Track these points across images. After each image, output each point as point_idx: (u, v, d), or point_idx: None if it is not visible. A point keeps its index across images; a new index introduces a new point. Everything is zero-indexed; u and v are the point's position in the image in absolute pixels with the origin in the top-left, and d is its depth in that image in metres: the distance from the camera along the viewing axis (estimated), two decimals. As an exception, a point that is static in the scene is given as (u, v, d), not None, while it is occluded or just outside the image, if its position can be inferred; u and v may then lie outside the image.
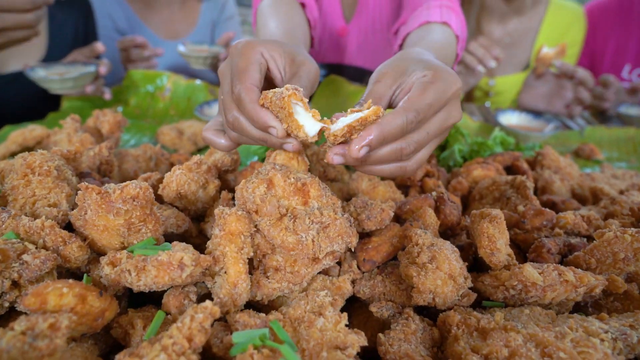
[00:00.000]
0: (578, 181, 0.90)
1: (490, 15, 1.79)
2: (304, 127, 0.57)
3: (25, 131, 0.96)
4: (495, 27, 1.81)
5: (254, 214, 0.54)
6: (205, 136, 0.65)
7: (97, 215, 0.50)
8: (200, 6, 1.95)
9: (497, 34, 1.82)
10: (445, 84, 0.58)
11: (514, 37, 1.80)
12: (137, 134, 1.24)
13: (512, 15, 1.77)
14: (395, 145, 0.56)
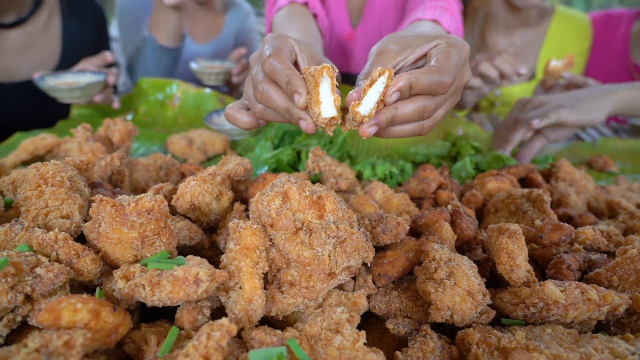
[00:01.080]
0: (594, 194, 0.88)
1: (496, 26, 1.78)
2: (322, 105, 0.61)
3: (36, 140, 0.96)
4: (500, 38, 1.80)
5: (269, 228, 0.53)
6: (228, 113, 0.72)
7: (111, 228, 0.49)
8: (225, 16, 2.03)
9: (502, 44, 1.81)
10: (460, 48, 0.63)
11: (519, 47, 1.79)
12: (146, 142, 1.23)
13: (517, 26, 1.76)
14: (419, 104, 0.60)
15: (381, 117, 0.60)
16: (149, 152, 1.19)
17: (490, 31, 1.81)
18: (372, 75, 0.58)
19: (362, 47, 1.60)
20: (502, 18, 1.75)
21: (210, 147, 1.14)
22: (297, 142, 1.04)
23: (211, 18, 2.03)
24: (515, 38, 1.79)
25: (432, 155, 1.09)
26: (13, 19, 1.42)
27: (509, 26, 1.77)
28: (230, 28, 2.03)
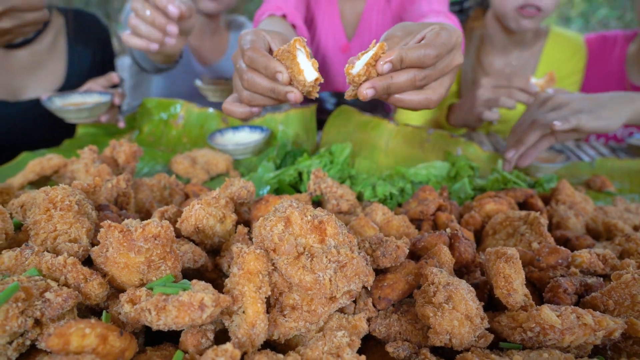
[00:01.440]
0: (592, 216, 0.90)
1: (492, 47, 1.81)
2: (304, 72, 0.73)
3: (43, 160, 0.98)
4: (496, 58, 1.83)
5: (272, 252, 0.54)
6: (225, 107, 0.85)
7: (119, 252, 0.50)
8: (229, 35, 2.05)
9: (498, 65, 1.83)
10: (451, 32, 0.75)
11: (514, 67, 1.82)
12: (150, 161, 1.25)
13: (513, 47, 1.79)
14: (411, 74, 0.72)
15: (378, 83, 0.72)
16: (153, 171, 1.21)
17: (486, 52, 1.84)
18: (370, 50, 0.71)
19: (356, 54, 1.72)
20: (498, 39, 1.78)
21: (214, 167, 1.16)
22: (299, 163, 1.06)
23: (216, 39, 2.06)
24: (511, 58, 1.82)
25: (431, 176, 1.11)
26: (20, 39, 1.46)
27: (505, 47, 1.80)
28: (235, 47, 2.06)
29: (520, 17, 1.56)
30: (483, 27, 1.81)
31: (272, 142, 1.32)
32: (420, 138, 1.32)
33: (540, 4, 1.50)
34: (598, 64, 1.89)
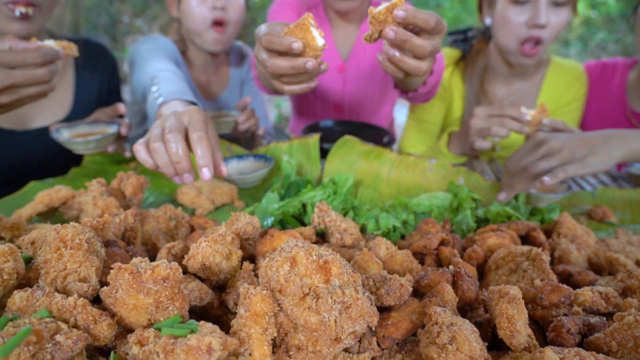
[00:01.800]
0: (594, 249, 0.90)
1: (494, 77, 1.84)
2: (316, 39, 0.90)
3: (51, 192, 0.99)
4: (498, 87, 1.86)
5: (278, 293, 0.55)
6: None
7: (128, 294, 0.51)
8: (230, 69, 2.07)
9: (500, 94, 1.86)
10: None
11: (517, 96, 1.85)
12: (155, 190, 1.27)
13: (515, 77, 1.82)
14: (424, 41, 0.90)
15: (400, 31, 0.89)
16: (159, 200, 1.23)
17: (489, 81, 1.87)
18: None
19: (356, 77, 1.95)
20: (501, 69, 1.81)
21: (219, 197, 1.17)
22: (303, 194, 1.08)
23: (219, 73, 2.06)
24: (513, 88, 1.85)
25: (434, 207, 1.12)
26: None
27: (507, 77, 1.83)
28: (236, 80, 2.08)
29: (521, 56, 1.61)
30: (486, 57, 1.84)
31: (276, 171, 1.34)
32: (422, 167, 1.34)
33: (541, 35, 1.54)
34: (598, 91, 1.91)
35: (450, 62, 1.89)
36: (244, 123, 1.67)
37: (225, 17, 1.72)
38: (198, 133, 0.87)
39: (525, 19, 1.55)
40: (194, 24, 1.73)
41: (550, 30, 1.54)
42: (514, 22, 1.57)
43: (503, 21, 1.60)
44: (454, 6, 12.02)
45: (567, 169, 1.02)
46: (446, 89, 1.88)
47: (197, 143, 0.86)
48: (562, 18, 1.54)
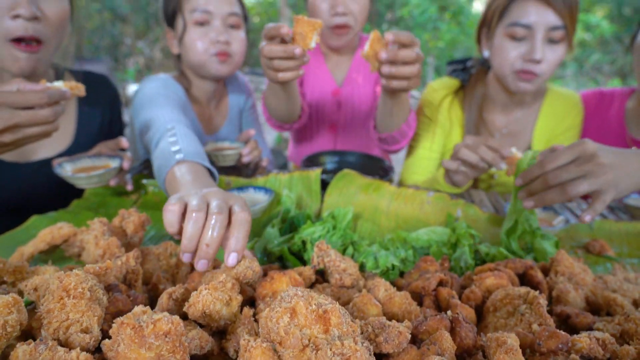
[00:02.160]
0: (592, 288, 0.91)
1: (493, 105, 1.88)
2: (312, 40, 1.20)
3: (53, 229, 1.00)
4: (497, 116, 1.90)
5: (278, 345, 0.56)
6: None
7: (130, 349, 0.52)
8: (229, 98, 2.08)
9: (499, 122, 1.90)
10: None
11: (515, 124, 1.88)
12: (156, 224, 1.28)
13: (513, 106, 1.85)
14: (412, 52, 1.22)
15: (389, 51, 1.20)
16: (159, 234, 1.24)
17: (488, 110, 1.90)
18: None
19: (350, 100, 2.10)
20: (499, 98, 1.85)
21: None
22: (302, 230, 1.09)
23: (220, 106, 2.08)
24: (511, 117, 1.88)
25: (432, 242, 1.13)
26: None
27: (506, 106, 1.87)
28: (235, 109, 2.09)
29: (518, 80, 1.63)
30: (485, 86, 1.88)
31: (276, 204, 1.35)
32: (421, 200, 1.35)
33: (536, 70, 1.57)
34: (597, 119, 1.94)
35: (449, 91, 1.92)
36: (248, 155, 1.69)
37: (228, 50, 1.74)
38: (244, 215, 0.81)
39: (521, 52, 1.59)
40: (196, 57, 1.74)
41: (546, 66, 1.57)
42: (510, 56, 1.61)
43: (500, 54, 1.64)
44: (451, 29, 12.28)
45: (606, 198, 0.96)
46: (446, 117, 1.91)
47: (240, 225, 0.81)
48: (558, 54, 1.58)
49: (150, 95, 1.57)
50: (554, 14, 1.52)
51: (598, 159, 0.97)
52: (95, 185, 1.31)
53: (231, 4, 1.72)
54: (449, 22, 11.95)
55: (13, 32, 1.21)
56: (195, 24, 1.69)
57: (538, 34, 1.54)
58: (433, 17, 11.17)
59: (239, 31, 1.77)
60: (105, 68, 11.43)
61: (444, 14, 11.76)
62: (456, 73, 1.99)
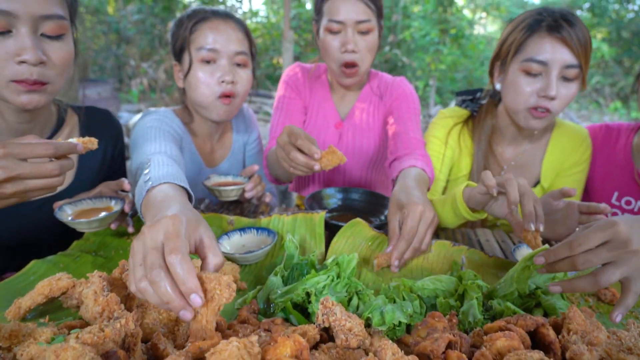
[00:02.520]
0: (606, 348, 0.88)
1: (502, 138, 1.87)
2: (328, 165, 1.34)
3: (52, 281, 0.98)
4: (506, 148, 1.90)
5: None
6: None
7: None
8: (232, 131, 2.10)
9: (508, 154, 1.90)
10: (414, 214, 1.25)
11: (524, 157, 1.88)
12: (157, 268, 1.25)
13: (522, 139, 1.85)
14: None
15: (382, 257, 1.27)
16: (160, 280, 1.21)
17: (497, 141, 1.90)
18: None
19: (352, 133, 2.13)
20: (509, 131, 1.84)
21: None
22: (306, 280, 1.06)
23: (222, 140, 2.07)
24: (520, 149, 1.88)
25: (439, 291, 1.10)
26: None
27: (515, 138, 1.86)
28: (239, 145, 2.10)
29: (530, 117, 1.63)
30: (494, 117, 1.88)
31: (280, 246, 1.33)
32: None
33: (549, 106, 1.57)
34: (603, 154, 1.93)
35: (460, 120, 1.94)
36: (251, 190, 1.68)
37: (233, 90, 1.72)
38: (172, 257, 0.75)
39: (535, 89, 1.60)
40: (200, 97, 1.72)
41: (559, 102, 1.58)
42: (525, 91, 1.61)
43: (513, 88, 1.64)
44: (452, 52, 12.42)
45: (637, 289, 0.91)
46: (455, 143, 1.91)
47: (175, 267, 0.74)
48: (571, 92, 1.59)
49: (143, 133, 1.57)
50: (570, 53, 1.53)
51: (631, 245, 0.91)
52: (96, 229, 1.30)
53: (239, 42, 1.71)
54: (450, 45, 12.09)
55: (18, 76, 1.21)
56: (201, 61, 1.68)
57: (553, 71, 1.55)
58: (434, 40, 11.30)
59: (246, 70, 1.76)
60: (109, 89, 11.56)
61: (445, 37, 11.91)
62: (465, 103, 1.99)
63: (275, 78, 15.93)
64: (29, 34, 1.18)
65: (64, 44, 1.29)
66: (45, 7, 1.20)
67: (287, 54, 12.58)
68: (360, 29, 1.80)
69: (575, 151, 1.86)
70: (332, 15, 1.79)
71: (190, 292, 0.74)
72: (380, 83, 2.12)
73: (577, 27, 1.54)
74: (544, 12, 1.62)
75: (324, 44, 1.87)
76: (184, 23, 1.70)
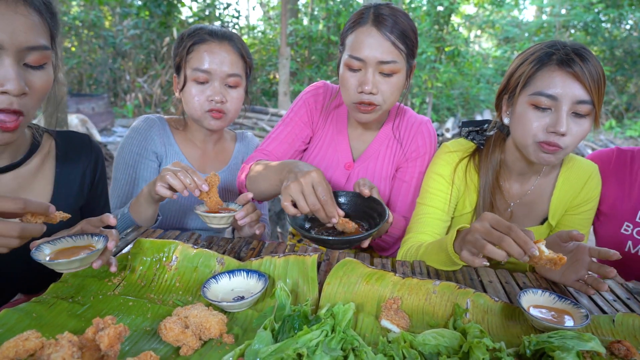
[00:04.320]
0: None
1: (510, 173, 1.79)
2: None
3: (18, 342, 0.89)
4: (513, 183, 1.82)
5: None
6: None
7: None
8: (234, 146, 2.17)
9: (515, 191, 1.82)
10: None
11: (531, 194, 1.80)
12: (138, 317, 1.17)
13: (531, 175, 1.77)
14: None
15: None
16: (139, 332, 1.12)
17: (504, 177, 1.81)
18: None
19: (360, 175, 1.99)
20: (517, 167, 1.76)
21: (206, 331, 1.07)
22: (298, 337, 0.98)
23: (219, 147, 2.14)
24: (528, 185, 1.80)
25: (441, 347, 1.02)
26: (5, 163, 1.42)
27: (523, 174, 1.78)
28: (239, 159, 2.17)
29: (540, 150, 1.54)
30: (502, 152, 1.79)
31: (271, 294, 1.25)
32: (426, 289, 1.25)
33: (560, 142, 1.49)
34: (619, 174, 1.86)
35: (465, 155, 1.83)
36: (243, 219, 1.61)
37: (222, 108, 1.84)
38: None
39: (544, 123, 1.51)
40: (191, 110, 1.87)
41: (571, 139, 1.49)
42: (533, 126, 1.53)
43: (521, 122, 1.56)
44: (448, 69, 12.47)
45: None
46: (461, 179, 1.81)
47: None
48: (584, 128, 1.50)
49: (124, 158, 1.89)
50: (581, 88, 1.44)
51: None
52: (77, 269, 1.21)
53: (232, 65, 1.83)
54: (446, 62, 12.16)
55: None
56: (194, 80, 1.82)
57: (564, 106, 1.46)
58: (431, 58, 11.37)
59: (237, 89, 1.88)
60: (104, 104, 11.52)
61: (441, 54, 11.98)
62: (472, 135, 1.89)
63: (271, 93, 15.96)
64: (13, 64, 1.14)
65: (44, 73, 1.25)
66: (31, 38, 1.17)
67: (283, 70, 12.62)
68: (383, 70, 1.64)
69: (584, 188, 1.77)
70: (353, 50, 1.64)
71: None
72: (402, 123, 1.97)
73: (589, 62, 1.45)
74: (555, 45, 1.53)
75: (342, 79, 1.73)
76: (184, 41, 1.84)
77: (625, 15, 14.06)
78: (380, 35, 1.60)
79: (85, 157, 1.65)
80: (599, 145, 10.57)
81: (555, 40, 1.58)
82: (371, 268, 1.26)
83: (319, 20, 15.10)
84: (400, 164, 1.99)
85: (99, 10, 14.14)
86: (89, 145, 1.69)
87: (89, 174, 1.65)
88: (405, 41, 1.63)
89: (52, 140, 1.59)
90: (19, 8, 1.14)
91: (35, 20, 1.18)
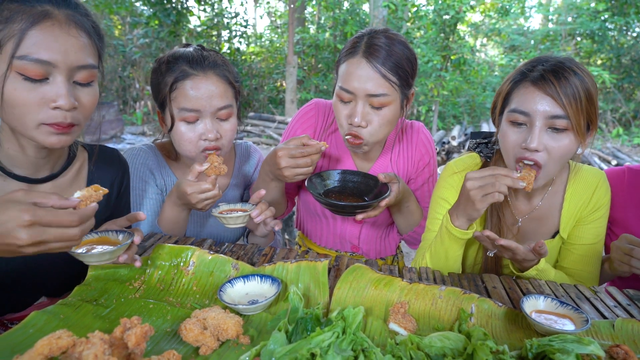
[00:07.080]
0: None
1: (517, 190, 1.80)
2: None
3: (51, 340, 0.96)
4: (521, 200, 1.83)
5: None
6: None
7: None
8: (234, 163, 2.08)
9: (523, 207, 1.82)
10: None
11: (541, 209, 1.81)
12: (158, 319, 1.23)
13: (539, 189, 1.78)
14: None
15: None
16: (160, 333, 1.18)
17: (511, 193, 1.81)
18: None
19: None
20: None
21: (223, 332, 1.13)
22: (311, 339, 1.04)
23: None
24: (536, 200, 1.80)
25: (447, 349, 1.07)
26: (46, 174, 1.49)
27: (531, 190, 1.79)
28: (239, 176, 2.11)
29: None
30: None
31: (284, 296, 1.31)
32: (432, 295, 1.31)
33: (537, 158, 1.51)
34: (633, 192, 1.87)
35: (475, 168, 1.85)
36: (258, 217, 1.66)
37: (217, 144, 1.70)
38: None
39: (520, 139, 1.55)
40: (184, 152, 1.76)
41: (548, 155, 1.52)
42: (511, 142, 1.58)
43: (504, 140, 1.61)
44: (454, 77, 12.52)
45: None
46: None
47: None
48: (563, 143, 1.51)
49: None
50: (554, 104, 1.46)
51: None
52: (106, 262, 1.28)
53: (221, 97, 1.67)
54: (452, 70, 12.21)
55: (51, 119, 1.25)
56: (183, 120, 1.68)
57: (537, 122, 1.49)
58: (437, 66, 11.43)
59: (230, 120, 1.74)
60: (114, 112, 11.69)
61: (448, 63, 12.04)
62: (480, 147, 1.91)
63: (278, 101, 16.09)
64: (64, 82, 1.24)
65: (92, 90, 1.35)
66: (81, 58, 1.26)
67: (290, 78, 12.76)
68: (373, 102, 1.61)
69: (594, 196, 1.77)
70: (343, 82, 1.63)
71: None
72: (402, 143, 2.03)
73: (568, 79, 1.45)
74: (534, 62, 1.56)
75: (334, 109, 1.74)
76: (164, 77, 1.67)
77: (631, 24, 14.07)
78: (370, 68, 1.56)
79: (113, 170, 1.74)
80: (605, 154, 10.53)
81: (540, 56, 1.62)
82: (379, 274, 1.32)
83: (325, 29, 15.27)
84: (411, 175, 2.05)
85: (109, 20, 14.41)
86: (117, 159, 1.78)
87: (116, 185, 1.74)
88: (398, 72, 1.59)
89: (86, 153, 1.67)
90: (71, 30, 1.22)
91: (85, 41, 1.27)
